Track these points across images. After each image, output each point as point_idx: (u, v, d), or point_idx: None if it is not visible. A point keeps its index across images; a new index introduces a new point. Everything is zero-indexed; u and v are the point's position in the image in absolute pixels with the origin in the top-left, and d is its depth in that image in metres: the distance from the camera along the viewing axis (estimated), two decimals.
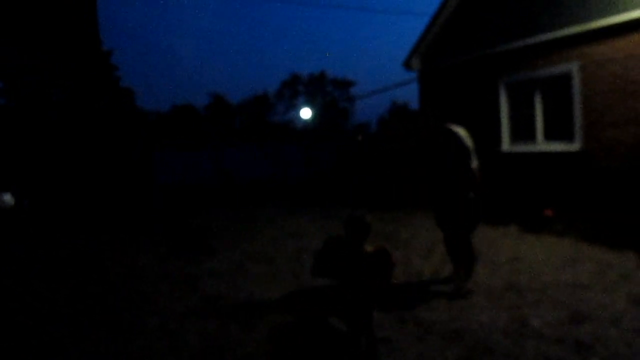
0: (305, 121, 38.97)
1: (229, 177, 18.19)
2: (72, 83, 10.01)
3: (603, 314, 4.34)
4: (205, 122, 55.24)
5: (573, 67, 8.08)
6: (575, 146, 8.09)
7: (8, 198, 10.67)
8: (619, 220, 7.09)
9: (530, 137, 8.91)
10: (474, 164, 5.06)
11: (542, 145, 8.69)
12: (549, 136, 8.69)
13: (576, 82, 8.05)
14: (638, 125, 7.22)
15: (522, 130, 9.12)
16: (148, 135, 10.77)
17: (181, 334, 4.37)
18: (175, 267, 6.65)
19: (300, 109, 42.83)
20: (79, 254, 7.62)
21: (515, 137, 9.28)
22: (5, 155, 10.45)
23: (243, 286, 5.67)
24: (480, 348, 3.81)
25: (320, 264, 3.76)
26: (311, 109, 39.48)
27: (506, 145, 9.34)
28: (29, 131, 10.05)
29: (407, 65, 11.91)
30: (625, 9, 7.21)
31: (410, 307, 4.80)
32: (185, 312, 4.93)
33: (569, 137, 8.23)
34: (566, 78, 8.23)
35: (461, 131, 5.20)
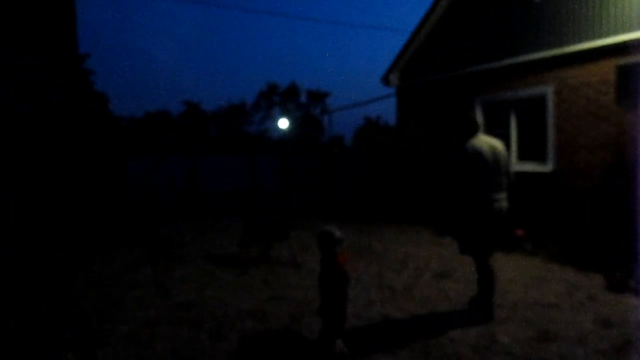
0: (282, 132, 39.00)
1: (201, 186, 18.03)
2: (45, 86, 9.79)
3: (570, 333, 4.41)
4: (179, 130, 54.85)
5: (548, 90, 8.28)
6: (547, 167, 8.27)
7: None
8: (587, 242, 7.23)
9: None
10: (498, 182, 4.73)
11: (515, 165, 8.84)
12: (523, 156, 8.86)
13: (550, 105, 8.25)
14: (608, 150, 7.41)
15: None
16: (121, 142, 10.55)
17: (150, 343, 4.30)
18: (146, 275, 6.54)
19: (275, 119, 42.87)
20: (46, 261, 7.44)
21: None
22: None
23: (214, 295, 5.61)
24: None
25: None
26: (288, 119, 39.54)
27: None
28: None
29: (385, 80, 12.06)
30: (599, 36, 7.43)
31: (381, 319, 4.81)
32: (155, 320, 4.85)
33: (542, 158, 8.40)
34: (541, 100, 8.42)
35: (485, 144, 4.73)
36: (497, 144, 4.82)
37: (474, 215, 4.68)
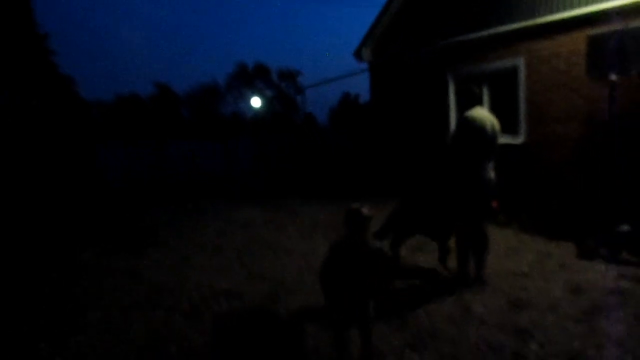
0: (255, 111, 38.69)
1: (176, 170, 17.81)
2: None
3: (542, 301, 4.49)
4: (151, 113, 53.91)
5: (519, 62, 8.30)
6: (519, 139, 8.34)
7: None
8: (559, 212, 7.35)
9: None
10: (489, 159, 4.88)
11: None
12: None
13: (522, 77, 8.28)
14: (579, 121, 7.49)
15: None
16: (91, 126, 10.26)
17: (125, 328, 4.25)
18: (120, 261, 6.44)
19: (248, 99, 42.46)
20: (18, 251, 7.28)
21: None
22: None
23: (189, 277, 5.56)
24: (425, 334, 3.88)
25: (329, 270, 3.34)
26: (260, 98, 39.21)
27: None
28: None
29: (357, 55, 11.98)
30: (571, 6, 7.43)
31: None
32: (130, 305, 4.79)
33: (514, 130, 8.46)
34: (513, 72, 8.45)
35: (485, 117, 4.85)
36: (493, 118, 4.96)
37: (472, 183, 4.81)
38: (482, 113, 4.91)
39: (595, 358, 3.43)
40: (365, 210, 3.41)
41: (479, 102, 5.02)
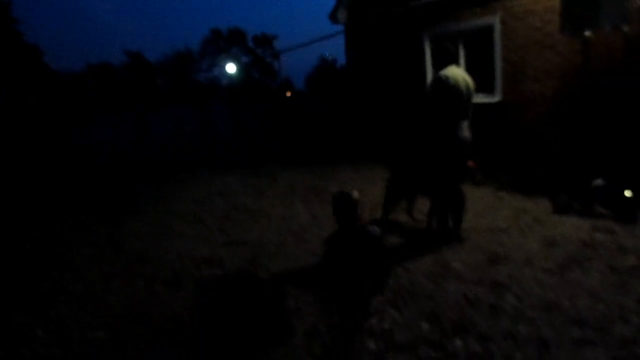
0: (231, 77, 38.04)
1: (153, 140, 17.60)
2: None
3: (518, 255, 4.58)
4: (126, 83, 52.72)
5: (494, 20, 8.25)
6: (495, 98, 8.36)
7: None
8: (535, 169, 7.45)
9: None
10: (465, 118, 4.88)
11: None
12: None
13: (497, 35, 8.24)
14: (554, 79, 7.52)
15: None
16: (64, 98, 10.00)
17: (105, 298, 4.24)
18: (99, 232, 6.39)
19: (224, 65, 41.66)
20: None
21: None
22: None
23: (169, 246, 5.55)
24: (405, 292, 3.94)
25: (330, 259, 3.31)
26: (235, 64, 38.53)
27: None
28: None
29: (332, 18, 11.80)
30: None
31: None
32: (110, 275, 4.77)
33: (490, 89, 8.48)
34: (488, 31, 8.41)
35: (459, 76, 4.81)
36: (467, 77, 4.92)
37: (447, 143, 4.82)
38: (456, 72, 4.88)
39: (569, 308, 3.52)
40: (355, 194, 3.28)
41: (454, 61, 4.99)
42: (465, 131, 4.95)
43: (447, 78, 4.76)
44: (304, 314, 3.69)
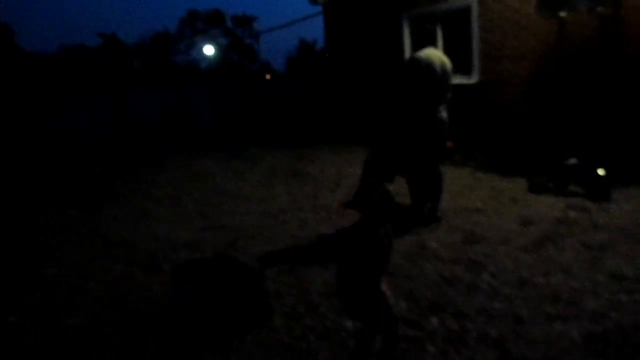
0: (209, 59, 37.43)
1: (131, 122, 17.36)
2: None
3: (494, 234, 4.65)
4: (101, 64, 51.70)
5: (472, 1, 8.26)
6: (473, 79, 8.41)
7: None
8: (512, 149, 7.54)
9: None
10: (443, 98, 4.93)
11: None
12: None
13: (475, 16, 8.26)
14: (530, 59, 7.58)
15: None
16: (36, 79, 9.78)
17: (81, 282, 4.20)
18: (76, 216, 6.30)
19: (202, 47, 40.97)
20: None
21: None
22: None
23: (147, 230, 5.51)
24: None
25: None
26: (214, 46, 37.91)
27: None
28: None
29: None
30: None
31: (318, 237, 4.89)
32: (87, 260, 4.72)
33: (468, 70, 8.52)
34: (466, 12, 8.41)
35: (435, 57, 4.81)
36: (445, 58, 4.91)
37: (424, 124, 4.85)
38: (431, 52, 4.88)
39: (543, 284, 3.59)
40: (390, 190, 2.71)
41: (431, 42, 5.01)
42: (442, 112, 4.97)
43: (420, 59, 4.78)
44: (284, 295, 3.70)
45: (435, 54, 4.88)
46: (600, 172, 5.58)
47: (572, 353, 2.77)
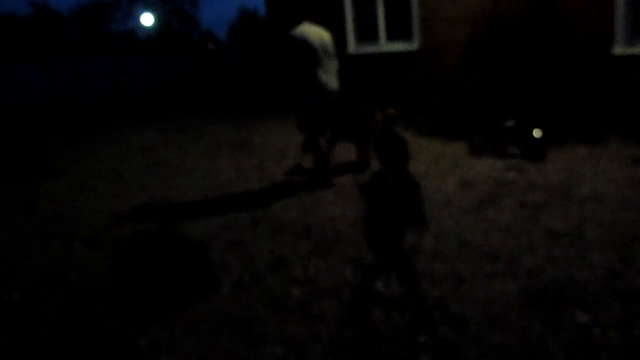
0: (148, 29, 35.90)
1: (64, 92, 16.60)
2: None
3: (437, 197, 4.75)
4: (33, 33, 49.02)
5: None
6: (414, 46, 8.45)
7: None
8: (453, 114, 7.68)
9: (374, 38, 9.11)
10: (327, 67, 5.13)
11: (385, 45, 8.94)
12: (392, 36, 8.93)
13: None
14: (467, 24, 7.67)
15: (367, 31, 9.27)
16: None
17: (19, 260, 4.05)
18: (11, 193, 6.03)
19: (140, 15, 39.21)
20: None
21: (361, 38, 9.41)
22: None
23: (87, 205, 5.34)
24: (329, 240, 4.00)
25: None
26: (153, 15, 36.32)
27: (352, 47, 9.47)
28: None
29: None
30: None
31: (264, 208, 4.87)
32: (24, 236, 4.56)
33: (408, 37, 8.55)
34: None
35: (311, 32, 5.14)
36: (323, 32, 5.24)
37: (308, 97, 5.14)
38: (307, 28, 5.17)
39: (482, 244, 3.71)
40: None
41: (371, 8, 5.15)
42: (333, 84, 5.21)
43: (295, 34, 5.10)
44: (230, 266, 3.68)
45: (311, 29, 5.17)
46: (536, 133, 5.77)
47: (511, 309, 2.89)
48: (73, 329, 3.03)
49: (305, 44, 5.04)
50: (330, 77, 5.19)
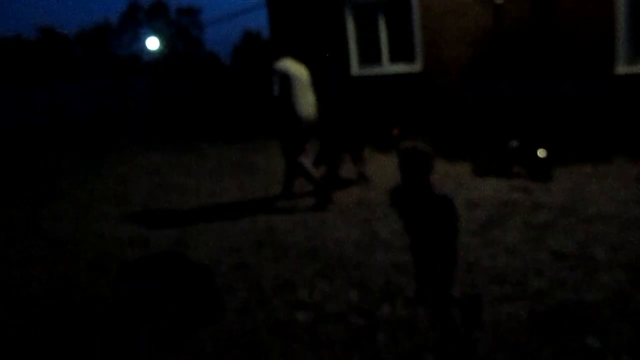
0: (153, 53, 36.13)
1: (69, 114, 16.72)
2: None
3: None
4: (38, 56, 49.54)
5: None
6: (416, 67, 8.50)
7: None
8: (456, 135, 7.69)
9: (377, 60, 9.17)
10: (303, 99, 5.44)
11: (388, 67, 9.00)
12: (394, 58, 9.00)
13: (415, 4, 8.33)
14: (468, 45, 7.73)
15: (370, 53, 9.34)
16: None
17: (24, 283, 4.04)
18: (17, 214, 6.05)
19: (145, 39, 39.51)
20: None
21: (364, 60, 9.48)
22: None
23: (92, 227, 5.34)
24: (334, 262, 3.98)
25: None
26: (158, 38, 36.57)
27: (355, 69, 9.53)
28: None
29: None
30: None
31: (268, 230, 4.85)
32: (29, 258, 4.55)
33: (411, 58, 8.61)
34: (406, 0, 8.48)
35: (291, 66, 5.47)
36: (301, 68, 5.58)
37: (288, 123, 5.45)
38: (289, 62, 5.48)
39: (490, 266, 3.68)
40: (426, 147, 2.64)
41: (374, 32, 5.28)
42: (310, 111, 5.51)
43: (279, 67, 5.41)
44: (236, 290, 3.66)
45: (292, 64, 5.50)
46: (541, 153, 5.76)
47: (520, 333, 2.85)
48: (77, 355, 3.01)
49: (286, 76, 5.38)
50: (307, 106, 5.49)
